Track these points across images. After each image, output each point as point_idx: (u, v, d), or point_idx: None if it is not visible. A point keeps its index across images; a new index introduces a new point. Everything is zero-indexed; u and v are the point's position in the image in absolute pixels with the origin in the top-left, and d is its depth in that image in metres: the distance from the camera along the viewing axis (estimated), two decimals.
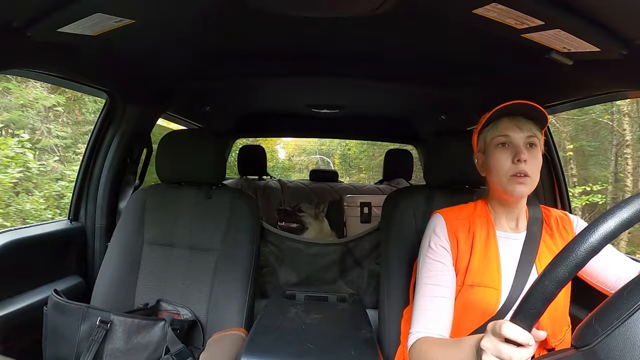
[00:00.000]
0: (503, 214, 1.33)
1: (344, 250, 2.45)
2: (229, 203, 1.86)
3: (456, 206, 1.41)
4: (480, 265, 1.28)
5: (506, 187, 1.23)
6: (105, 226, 2.11)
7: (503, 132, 1.24)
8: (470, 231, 1.32)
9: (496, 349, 0.79)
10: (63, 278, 1.90)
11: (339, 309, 1.87)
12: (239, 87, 2.51)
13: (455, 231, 1.32)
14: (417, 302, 1.28)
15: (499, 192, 1.28)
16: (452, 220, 1.34)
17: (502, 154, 1.23)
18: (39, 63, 1.48)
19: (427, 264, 1.31)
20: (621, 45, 1.10)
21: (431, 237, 1.35)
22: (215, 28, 1.58)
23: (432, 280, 1.28)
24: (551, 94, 1.73)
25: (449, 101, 2.42)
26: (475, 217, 1.35)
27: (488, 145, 1.28)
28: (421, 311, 1.25)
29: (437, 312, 1.24)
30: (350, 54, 1.82)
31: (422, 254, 1.35)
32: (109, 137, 2.09)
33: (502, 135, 1.24)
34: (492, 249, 1.29)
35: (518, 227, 1.33)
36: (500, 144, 1.25)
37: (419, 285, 1.30)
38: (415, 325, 1.24)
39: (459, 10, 1.17)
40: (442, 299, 1.25)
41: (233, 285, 1.74)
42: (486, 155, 1.29)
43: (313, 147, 13.40)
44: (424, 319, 1.24)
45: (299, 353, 1.27)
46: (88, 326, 1.48)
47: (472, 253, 1.29)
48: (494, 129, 1.26)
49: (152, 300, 1.75)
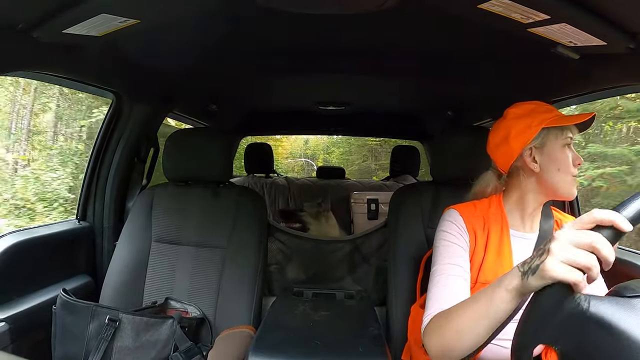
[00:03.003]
0: (525, 213, 1.31)
1: (352, 247, 2.45)
2: (236, 201, 1.87)
3: (469, 202, 1.38)
4: (494, 263, 1.26)
5: (568, 186, 1.24)
6: (113, 225, 2.12)
7: (569, 134, 1.24)
8: (486, 228, 1.31)
9: (570, 251, 0.74)
10: (71, 277, 1.91)
11: (347, 306, 1.87)
12: (244, 85, 2.51)
13: (473, 226, 1.30)
14: (432, 281, 1.23)
15: (553, 189, 1.26)
16: (468, 216, 1.32)
17: (569, 155, 1.24)
18: (46, 64, 1.48)
19: (444, 246, 1.28)
20: (628, 39, 1.09)
21: (449, 225, 1.32)
22: (221, 26, 1.58)
23: (449, 260, 1.25)
24: (557, 88, 1.71)
25: (456, 97, 2.42)
26: (490, 214, 1.33)
27: (554, 142, 1.25)
28: (437, 289, 1.21)
29: (454, 290, 1.19)
30: (356, 51, 1.81)
31: (438, 239, 1.31)
32: (116, 137, 2.10)
33: (569, 137, 1.24)
34: (505, 247, 1.28)
35: (532, 226, 1.32)
36: (567, 144, 1.24)
37: (435, 266, 1.26)
38: (430, 307, 1.18)
39: (464, 5, 1.16)
40: (460, 278, 1.22)
41: (241, 282, 1.75)
42: (547, 152, 1.25)
43: (298, 152, 13.94)
44: (440, 296, 1.18)
45: (307, 350, 1.27)
46: (97, 324, 1.50)
47: (487, 250, 1.28)
48: (563, 129, 1.24)
49: (160, 299, 1.76)
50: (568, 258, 0.73)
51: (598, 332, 0.70)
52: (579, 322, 0.71)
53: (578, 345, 0.71)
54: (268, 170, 3.81)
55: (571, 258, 0.73)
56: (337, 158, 13.10)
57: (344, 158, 12.88)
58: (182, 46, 1.72)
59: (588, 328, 0.71)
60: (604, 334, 0.69)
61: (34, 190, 5.47)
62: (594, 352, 0.70)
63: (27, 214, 5.30)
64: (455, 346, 0.99)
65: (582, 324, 0.71)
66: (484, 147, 1.39)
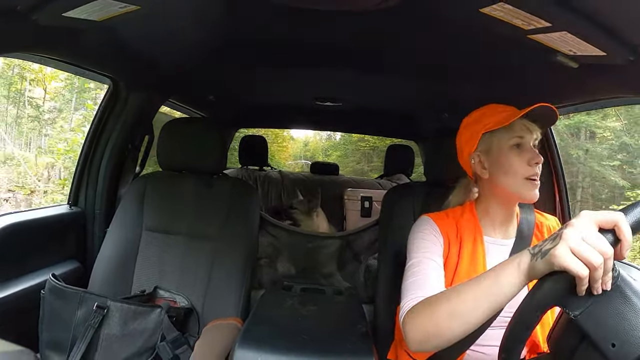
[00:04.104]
0: (496, 219, 1.31)
1: (343, 243, 2.46)
2: (229, 192, 1.87)
3: (441, 212, 1.39)
4: (468, 271, 1.25)
5: (521, 190, 1.21)
6: (104, 212, 2.11)
7: (518, 133, 1.22)
8: (458, 236, 1.30)
9: (581, 242, 0.73)
10: (61, 262, 1.91)
11: (335, 302, 1.88)
12: (242, 77, 2.50)
13: (447, 233, 1.30)
14: (409, 271, 1.21)
15: (507, 195, 1.25)
16: (441, 224, 1.31)
17: (518, 156, 1.22)
18: (44, 47, 1.47)
19: (419, 243, 1.27)
20: (628, 50, 1.09)
21: (422, 228, 1.31)
22: (220, 17, 1.57)
23: (426, 255, 1.23)
24: (555, 96, 1.72)
25: (452, 99, 2.42)
26: (463, 221, 1.32)
27: (499, 146, 1.25)
28: (417, 278, 1.17)
29: (433, 282, 1.16)
30: (354, 47, 1.81)
31: (412, 240, 1.30)
32: (111, 123, 2.09)
33: (518, 137, 1.22)
34: (479, 255, 1.27)
35: (507, 233, 1.32)
36: (515, 145, 1.23)
37: (410, 261, 1.24)
38: (409, 294, 1.13)
39: (466, 7, 1.16)
40: (438, 270, 1.21)
41: (230, 274, 1.75)
42: (494, 157, 1.26)
43: (299, 153, 14.68)
44: (420, 284, 1.15)
45: (294, 345, 1.27)
46: (85, 311, 1.49)
47: (460, 258, 1.27)
48: (508, 130, 1.23)
49: (149, 287, 1.75)
50: (578, 250, 0.72)
51: (621, 303, 0.72)
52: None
53: (596, 313, 0.73)
54: (262, 163, 3.81)
55: (581, 251, 0.72)
56: (335, 160, 13.51)
57: (341, 160, 13.45)
58: (180, 35, 1.71)
59: (612, 297, 0.72)
60: (627, 306, 0.71)
61: None
62: (611, 323, 0.71)
63: None
64: (445, 331, 0.95)
65: (606, 294, 0.73)
66: None
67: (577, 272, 0.71)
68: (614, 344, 0.71)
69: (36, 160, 9.17)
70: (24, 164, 8.78)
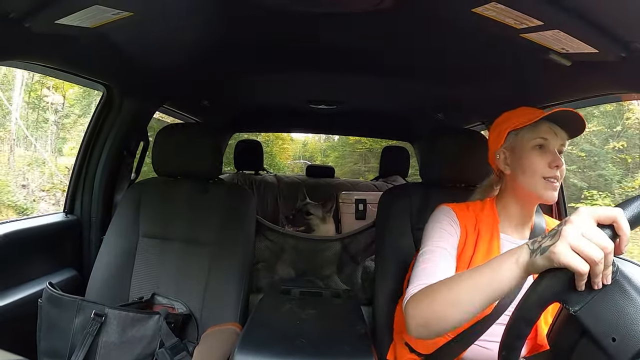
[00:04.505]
0: (513, 217, 1.33)
1: (340, 246, 2.46)
2: (225, 197, 1.86)
3: (462, 203, 1.40)
4: (482, 262, 1.27)
5: (539, 189, 1.23)
6: (100, 219, 2.10)
7: (543, 135, 1.24)
8: (477, 228, 1.32)
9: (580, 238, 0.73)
10: (58, 271, 1.90)
11: (334, 304, 1.88)
12: (237, 81, 2.50)
13: (465, 223, 1.32)
14: (420, 259, 1.23)
15: (525, 193, 1.27)
16: (460, 213, 1.34)
17: (539, 156, 1.23)
18: (37, 54, 1.47)
19: (435, 232, 1.29)
20: (620, 47, 1.10)
21: (441, 217, 1.33)
22: (215, 22, 1.57)
23: (440, 243, 1.25)
24: (549, 94, 1.73)
25: (447, 100, 2.42)
26: (483, 216, 1.34)
27: (522, 145, 1.27)
28: (426, 265, 1.19)
29: (443, 268, 1.18)
30: (349, 50, 1.81)
31: (429, 228, 1.32)
32: (106, 130, 2.08)
33: (542, 138, 1.24)
34: (494, 250, 1.29)
35: (523, 233, 1.33)
36: (538, 146, 1.25)
37: (423, 248, 1.26)
38: (417, 280, 1.15)
39: (458, 8, 1.17)
40: (449, 260, 1.22)
41: (228, 279, 1.74)
42: (517, 154, 1.28)
43: (298, 154, 14.87)
44: (429, 272, 1.17)
45: (293, 349, 1.27)
46: (83, 319, 1.48)
47: (477, 248, 1.29)
48: (533, 130, 1.25)
49: (147, 294, 1.74)
50: (578, 246, 0.73)
51: (620, 298, 0.72)
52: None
53: (595, 308, 0.73)
54: (257, 167, 3.80)
55: (580, 247, 0.72)
56: (333, 161, 13.92)
57: (339, 161, 13.80)
58: (174, 41, 1.71)
59: (612, 292, 0.73)
60: (626, 301, 0.72)
61: None
62: (611, 317, 0.72)
63: None
64: (443, 318, 0.97)
65: (605, 288, 0.73)
66: (473, 150, 1.41)
67: (578, 268, 0.71)
68: (614, 338, 0.71)
69: (56, 162, 9.55)
70: (54, 166, 9.24)
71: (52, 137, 9.92)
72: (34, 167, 9.13)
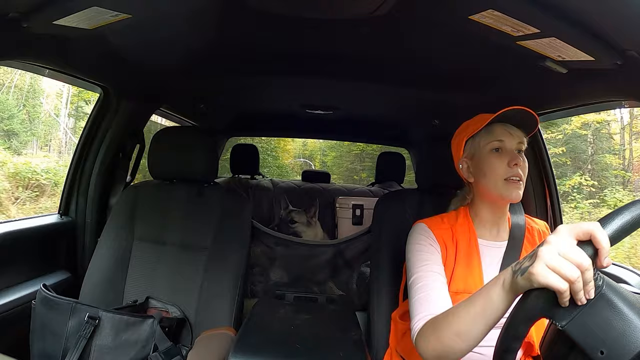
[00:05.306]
0: (487, 222, 1.36)
1: (335, 251, 2.45)
2: (220, 201, 1.86)
3: (437, 216, 1.42)
4: (464, 272, 1.29)
5: (502, 190, 1.26)
6: (95, 221, 2.10)
7: (498, 137, 1.28)
8: (454, 239, 1.34)
9: (557, 258, 0.74)
10: (52, 273, 1.89)
11: (328, 310, 1.87)
12: (234, 85, 2.49)
13: (443, 238, 1.33)
14: (414, 288, 1.23)
15: (491, 196, 1.30)
16: (436, 229, 1.35)
17: (497, 158, 1.27)
18: (35, 55, 1.47)
19: (419, 256, 1.30)
20: (615, 55, 1.11)
21: (419, 238, 1.34)
22: (213, 26, 1.57)
23: (427, 268, 1.26)
24: (545, 101, 1.74)
25: (443, 106, 2.43)
26: (458, 225, 1.36)
27: (480, 151, 1.31)
28: (423, 294, 1.20)
29: (438, 297, 1.19)
30: (346, 56, 1.81)
31: (411, 251, 1.33)
32: (102, 132, 2.08)
33: (497, 141, 1.28)
34: (474, 256, 1.31)
35: (500, 235, 1.36)
36: (494, 149, 1.28)
37: (413, 276, 1.26)
38: (418, 312, 1.17)
39: (455, 15, 1.17)
40: (441, 282, 1.23)
41: (223, 284, 1.74)
42: (476, 161, 1.32)
43: (298, 152, 15.20)
44: (428, 300, 1.18)
45: (287, 354, 1.27)
46: (76, 322, 1.47)
47: (456, 261, 1.31)
48: (488, 134, 1.29)
49: (141, 297, 1.74)
50: (554, 265, 0.73)
51: (607, 311, 0.73)
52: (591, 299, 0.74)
53: (583, 322, 0.73)
54: (253, 171, 3.79)
55: (557, 266, 0.73)
56: (331, 160, 14.40)
57: (336, 160, 14.28)
58: (172, 44, 1.71)
59: (598, 305, 0.73)
60: (613, 313, 0.72)
61: None
62: (598, 330, 0.72)
63: None
64: (453, 348, 0.99)
65: (592, 302, 0.73)
66: None
67: (556, 287, 0.72)
68: (603, 351, 0.71)
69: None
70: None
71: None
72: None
